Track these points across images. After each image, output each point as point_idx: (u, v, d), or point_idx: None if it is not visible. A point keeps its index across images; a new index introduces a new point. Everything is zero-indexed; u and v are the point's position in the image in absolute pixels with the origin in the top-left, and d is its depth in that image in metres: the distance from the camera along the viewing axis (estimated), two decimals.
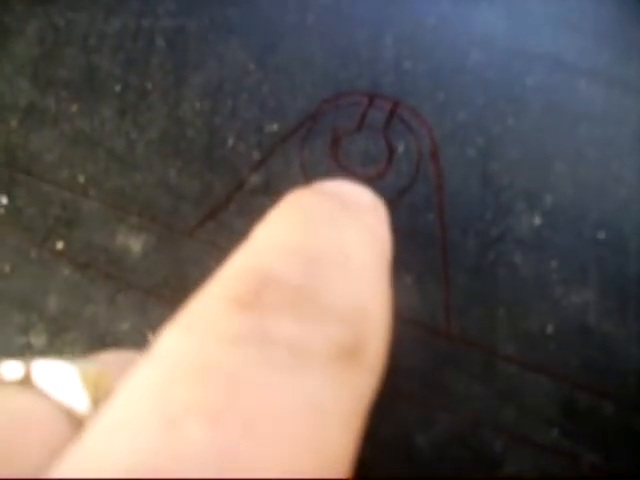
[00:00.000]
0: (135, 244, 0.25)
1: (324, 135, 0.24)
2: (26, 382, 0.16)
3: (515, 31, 0.24)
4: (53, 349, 0.25)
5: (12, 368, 0.16)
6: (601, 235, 0.22)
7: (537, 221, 0.22)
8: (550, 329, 0.21)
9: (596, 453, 0.20)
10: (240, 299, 0.13)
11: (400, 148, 0.23)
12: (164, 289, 0.24)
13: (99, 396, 0.16)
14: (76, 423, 0.16)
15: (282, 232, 0.16)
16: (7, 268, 0.26)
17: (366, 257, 0.16)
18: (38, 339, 0.25)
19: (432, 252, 0.22)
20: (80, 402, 0.16)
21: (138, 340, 0.24)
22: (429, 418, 0.21)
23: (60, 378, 0.16)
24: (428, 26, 0.24)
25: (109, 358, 0.19)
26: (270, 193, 0.24)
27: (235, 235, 0.24)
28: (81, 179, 0.25)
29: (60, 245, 0.25)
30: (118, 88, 0.26)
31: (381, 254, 0.17)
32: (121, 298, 0.24)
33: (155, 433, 0.11)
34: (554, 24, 0.24)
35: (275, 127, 0.24)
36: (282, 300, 0.14)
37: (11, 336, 0.25)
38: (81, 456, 0.11)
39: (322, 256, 0.15)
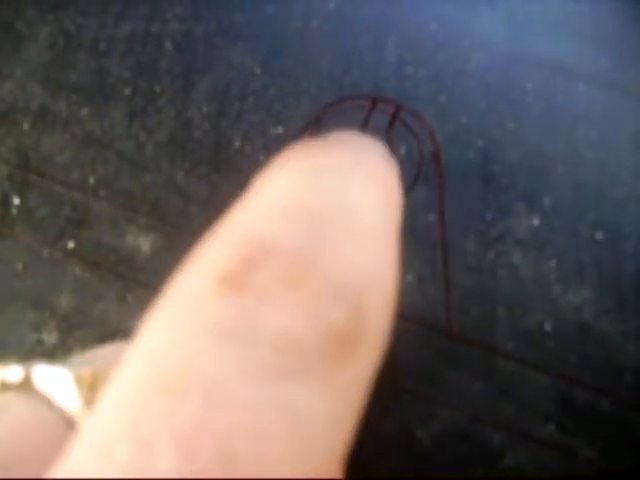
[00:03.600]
0: (144, 244, 0.25)
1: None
2: (26, 385, 0.17)
3: (515, 36, 0.24)
4: (64, 346, 0.25)
5: (13, 372, 0.17)
6: (598, 235, 0.22)
7: (536, 222, 0.22)
8: (548, 327, 0.22)
9: (592, 447, 0.21)
10: (227, 276, 0.12)
11: (402, 151, 0.24)
12: None
13: (94, 398, 0.16)
14: (73, 426, 0.16)
15: (283, 188, 0.14)
16: (20, 267, 0.26)
17: (376, 220, 0.14)
18: (50, 336, 0.25)
19: (433, 252, 0.23)
20: (74, 405, 0.16)
21: None
22: (430, 413, 0.22)
23: (56, 382, 0.17)
24: (430, 31, 0.25)
25: (110, 352, 0.19)
26: None
27: None
28: (91, 180, 0.26)
29: (71, 245, 0.26)
30: (127, 92, 0.26)
31: (392, 218, 0.16)
32: (131, 296, 0.25)
33: (126, 460, 0.10)
34: (553, 30, 0.24)
35: (280, 130, 0.25)
36: (276, 275, 0.12)
37: (24, 333, 0.25)
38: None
39: (328, 217, 0.14)
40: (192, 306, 0.12)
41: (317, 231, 0.13)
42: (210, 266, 0.13)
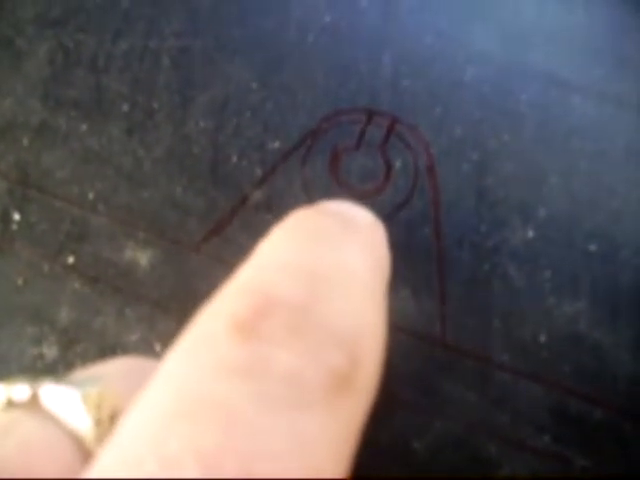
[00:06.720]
0: (143, 258, 0.25)
1: (324, 152, 0.24)
2: (33, 404, 0.17)
3: (510, 48, 0.24)
4: (64, 360, 0.25)
5: (20, 390, 0.17)
6: (593, 247, 0.22)
7: (531, 233, 0.23)
8: (543, 338, 0.22)
9: (586, 457, 0.21)
10: (242, 322, 0.14)
11: (397, 164, 0.24)
12: (171, 302, 0.25)
13: (101, 417, 0.17)
14: (81, 446, 0.16)
15: (284, 251, 0.16)
16: (20, 282, 0.26)
17: (366, 277, 0.16)
18: (50, 350, 0.25)
19: (428, 264, 0.23)
20: (83, 425, 0.16)
21: (146, 351, 0.24)
22: (426, 424, 0.22)
23: (64, 401, 0.17)
24: (425, 44, 0.25)
25: (114, 368, 0.19)
26: (272, 209, 0.24)
27: (239, 249, 0.24)
28: (90, 196, 0.26)
29: (71, 259, 0.26)
30: (126, 107, 0.26)
31: (380, 274, 0.18)
32: (129, 310, 0.25)
33: (156, 473, 0.11)
34: (548, 41, 0.24)
35: (277, 144, 0.25)
36: (281, 323, 0.14)
37: (24, 347, 0.26)
38: None
39: (324, 275, 0.15)
40: (210, 347, 0.14)
41: (315, 287, 0.15)
42: (224, 313, 0.14)
